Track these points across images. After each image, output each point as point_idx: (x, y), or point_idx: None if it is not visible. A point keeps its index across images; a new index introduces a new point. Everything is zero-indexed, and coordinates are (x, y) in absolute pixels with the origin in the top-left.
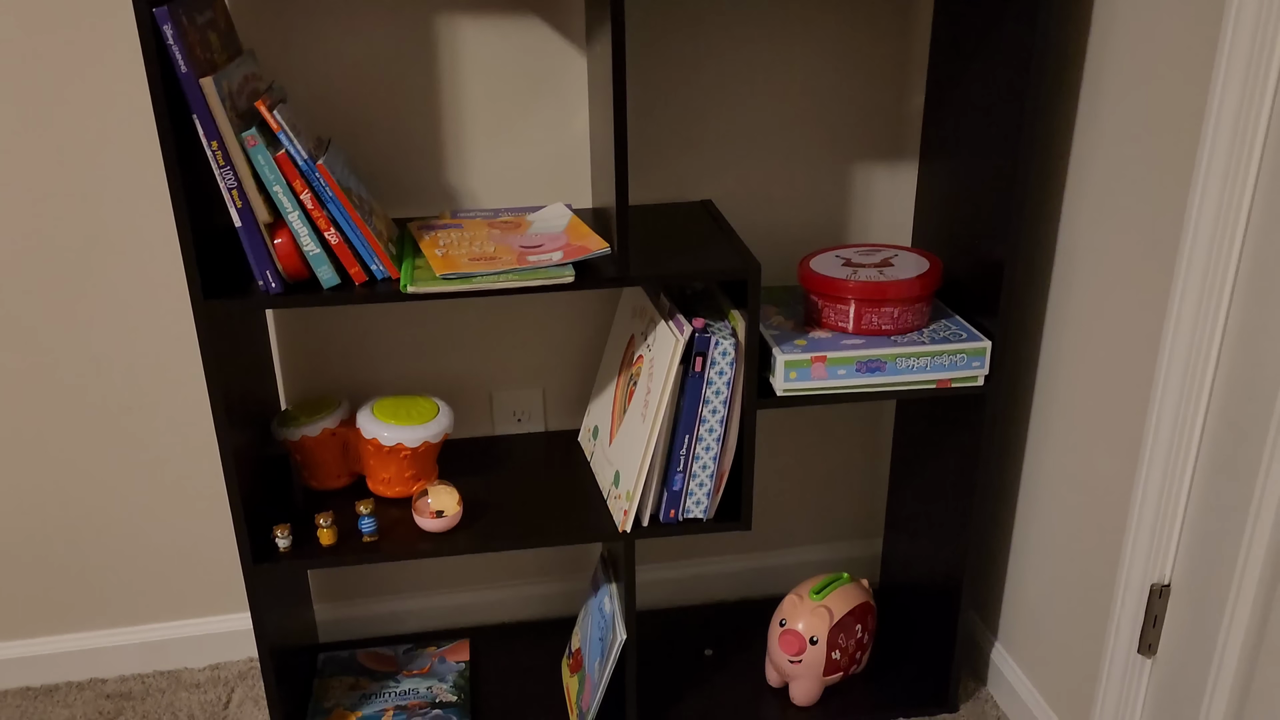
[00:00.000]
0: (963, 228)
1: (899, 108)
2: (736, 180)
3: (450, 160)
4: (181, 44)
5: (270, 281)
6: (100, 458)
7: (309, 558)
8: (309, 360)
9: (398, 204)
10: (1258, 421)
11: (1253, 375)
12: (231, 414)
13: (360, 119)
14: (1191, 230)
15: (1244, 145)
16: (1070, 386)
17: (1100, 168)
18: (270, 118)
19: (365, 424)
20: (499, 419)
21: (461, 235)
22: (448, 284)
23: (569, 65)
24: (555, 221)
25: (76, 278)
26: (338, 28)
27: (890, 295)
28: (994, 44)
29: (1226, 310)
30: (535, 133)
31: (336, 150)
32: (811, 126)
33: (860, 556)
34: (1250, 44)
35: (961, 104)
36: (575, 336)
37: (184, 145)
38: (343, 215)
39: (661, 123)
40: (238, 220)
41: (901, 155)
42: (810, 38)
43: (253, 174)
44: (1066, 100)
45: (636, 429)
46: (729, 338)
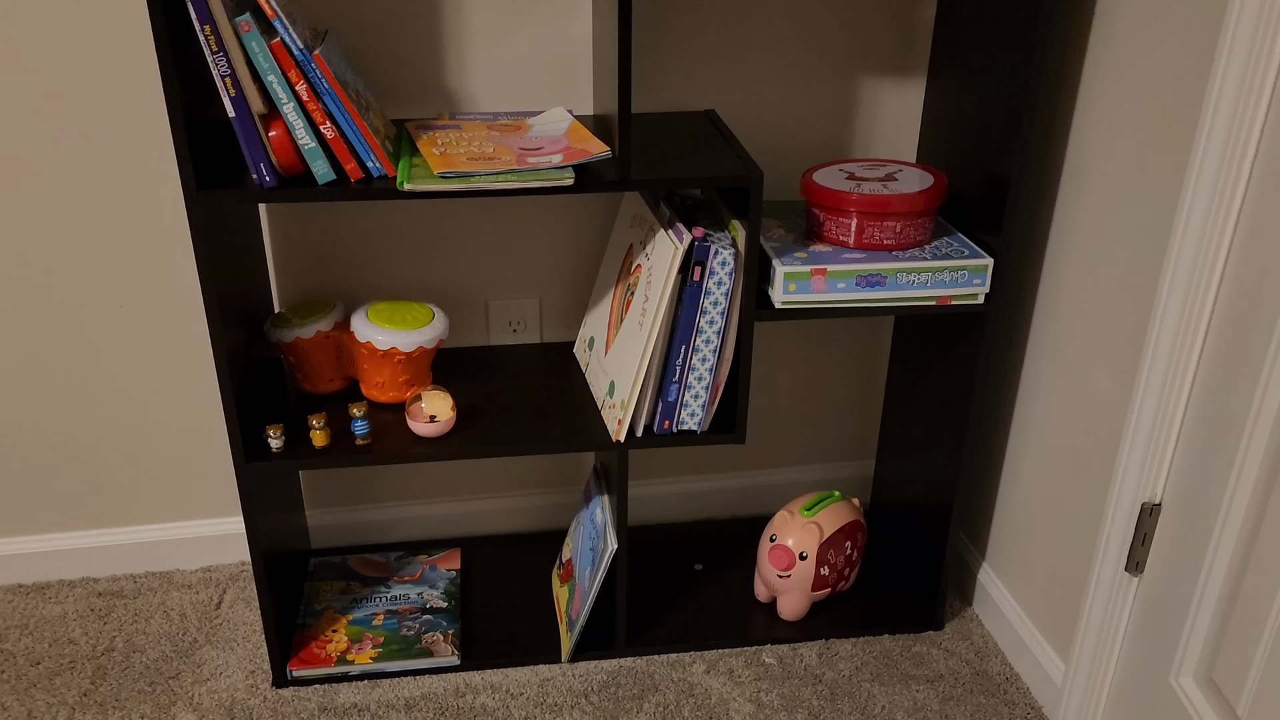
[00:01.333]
0: (969, 144)
1: (909, 18)
2: (741, 91)
3: (450, 61)
4: None
5: (265, 175)
6: (94, 357)
7: (301, 458)
8: (303, 261)
9: (396, 104)
10: (1257, 341)
11: (1255, 295)
12: (225, 313)
13: (359, 13)
14: (1201, 148)
15: (1262, 52)
16: (1071, 305)
17: (1111, 83)
18: (265, 4)
19: (359, 327)
20: (494, 329)
21: (460, 136)
22: (445, 183)
23: None
24: (556, 125)
25: (70, 171)
26: None
27: (893, 209)
28: None
29: (1232, 230)
30: (537, 35)
31: (334, 41)
32: (819, 37)
33: (853, 477)
34: None
35: (973, 17)
36: (573, 246)
37: (177, 32)
38: (339, 109)
39: (666, 31)
40: (231, 110)
41: (910, 68)
42: None
43: (246, 62)
44: (1080, 14)
45: (633, 339)
46: (729, 248)
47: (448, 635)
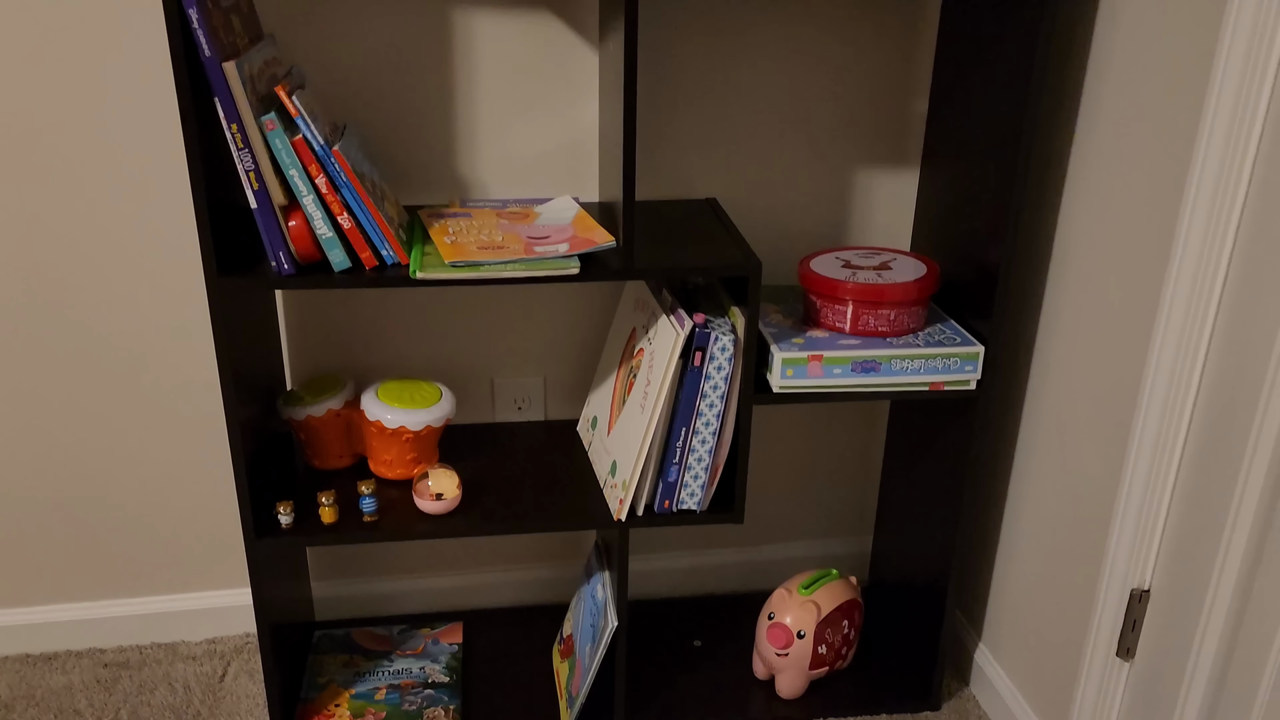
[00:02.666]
0: (961, 233)
1: (902, 112)
2: (741, 179)
3: (461, 149)
4: (206, 28)
5: (283, 262)
6: (107, 429)
7: (310, 534)
8: (316, 340)
9: (409, 191)
10: (1238, 432)
11: (1235, 387)
12: (239, 390)
13: (376, 105)
14: (1181, 243)
15: (1234, 162)
16: (1060, 392)
17: (1096, 179)
18: (289, 103)
19: (369, 406)
20: (500, 406)
21: (470, 224)
22: (456, 271)
23: (581, 60)
24: (562, 214)
25: (91, 248)
26: (356, 14)
27: (887, 298)
28: (996, 55)
29: (1213, 323)
30: (546, 125)
31: (352, 135)
32: (816, 128)
33: (850, 553)
34: (1243, 66)
35: (963, 111)
36: (578, 326)
37: (203, 125)
38: (356, 200)
39: (670, 120)
40: (254, 202)
41: (904, 159)
42: (818, 42)
43: (270, 157)
44: (1066, 110)
45: (635, 420)
46: (728, 334)
47: (449, 710)
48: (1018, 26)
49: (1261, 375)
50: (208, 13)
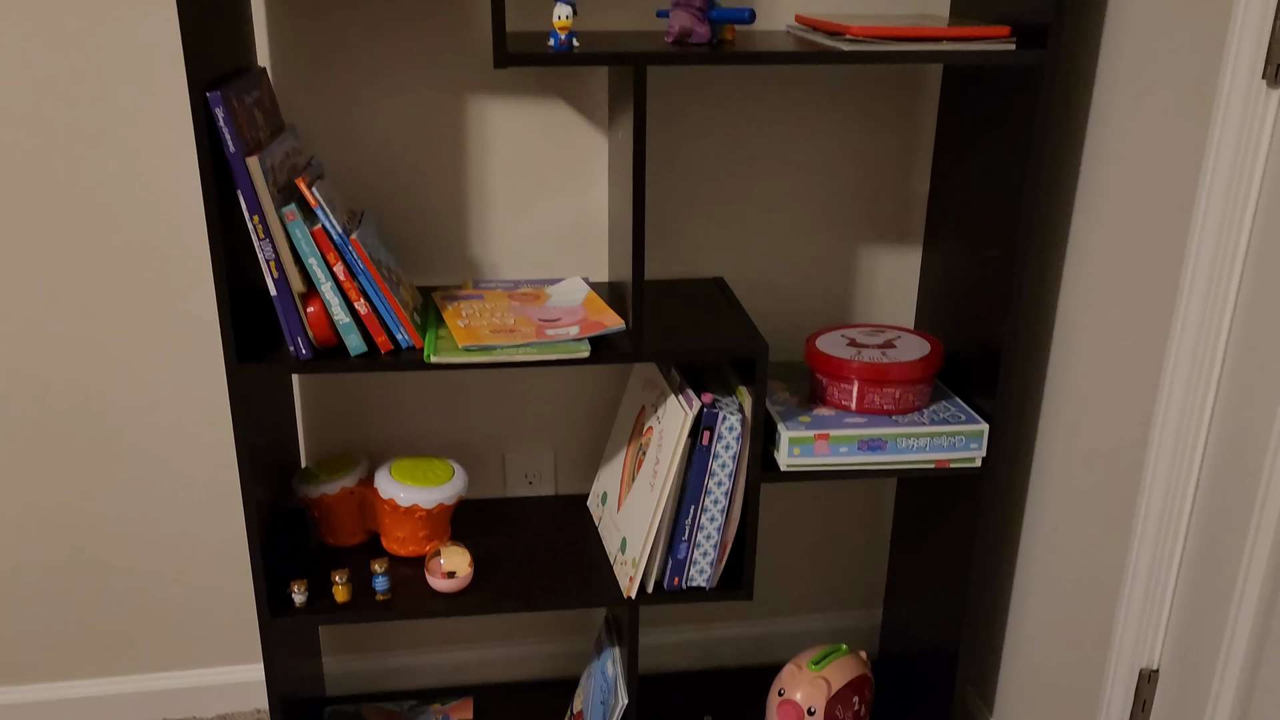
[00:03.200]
0: (964, 310)
1: (904, 192)
2: (748, 257)
3: (474, 231)
4: (231, 125)
5: (301, 348)
6: (122, 505)
7: (324, 613)
8: (330, 416)
9: (423, 271)
10: (1241, 509)
11: (1237, 464)
12: (256, 470)
13: (392, 190)
14: (1180, 320)
15: (1229, 242)
16: (1066, 469)
17: (1096, 256)
18: (309, 194)
19: (383, 484)
20: (511, 480)
21: (483, 306)
22: (469, 355)
23: (590, 143)
24: (573, 295)
25: (107, 327)
26: (374, 103)
27: (892, 377)
28: (994, 136)
29: (1213, 400)
30: (556, 206)
31: (369, 222)
32: (821, 208)
33: (860, 626)
34: (1235, 148)
35: (964, 191)
36: (588, 402)
37: (224, 211)
38: (372, 287)
39: (678, 200)
40: (274, 289)
41: (906, 238)
42: (821, 125)
43: (290, 246)
44: (1064, 189)
45: (644, 498)
46: (736, 413)
47: None
48: (1015, 109)
49: (1262, 453)
50: (233, 110)
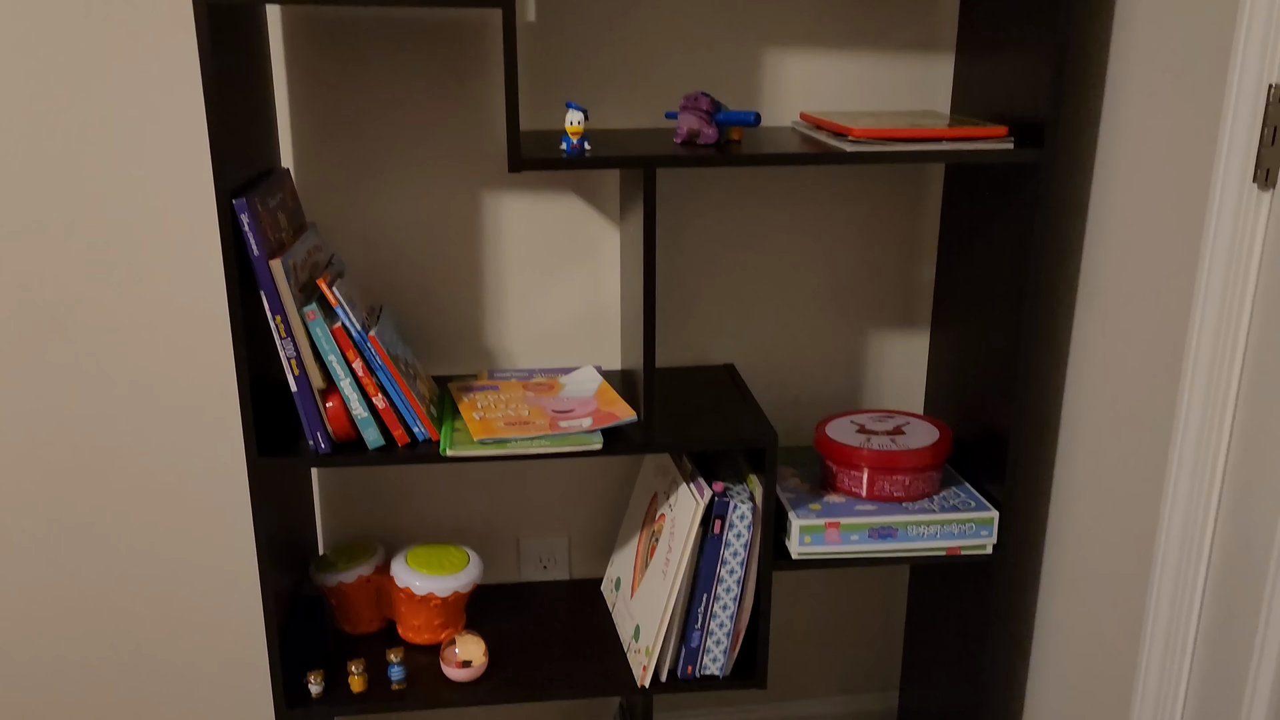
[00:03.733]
0: (972, 395)
1: (911, 279)
2: (758, 343)
3: (490, 321)
4: (256, 230)
5: (320, 442)
6: (134, 594)
7: (340, 704)
8: (347, 504)
9: (440, 361)
10: (1252, 598)
11: (1246, 552)
12: (274, 558)
13: (410, 282)
14: (1185, 406)
15: (1228, 333)
16: (1077, 554)
17: (1100, 344)
18: (329, 293)
19: (399, 572)
20: (525, 564)
21: (498, 397)
22: (484, 448)
23: (602, 234)
24: (586, 385)
25: (127, 421)
26: (393, 200)
27: (901, 464)
28: (998, 226)
29: (1220, 485)
30: (570, 296)
31: (387, 316)
32: (829, 295)
33: (875, 710)
34: (1229, 244)
35: (969, 278)
36: (601, 487)
37: (248, 310)
38: (390, 382)
39: (688, 289)
40: (294, 386)
41: (914, 323)
42: (827, 214)
43: (310, 344)
44: (1067, 278)
45: (657, 586)
46: (747, 501)
47: None
48: (1016, 202)
49: (1271, 536)
50: (257, 215)
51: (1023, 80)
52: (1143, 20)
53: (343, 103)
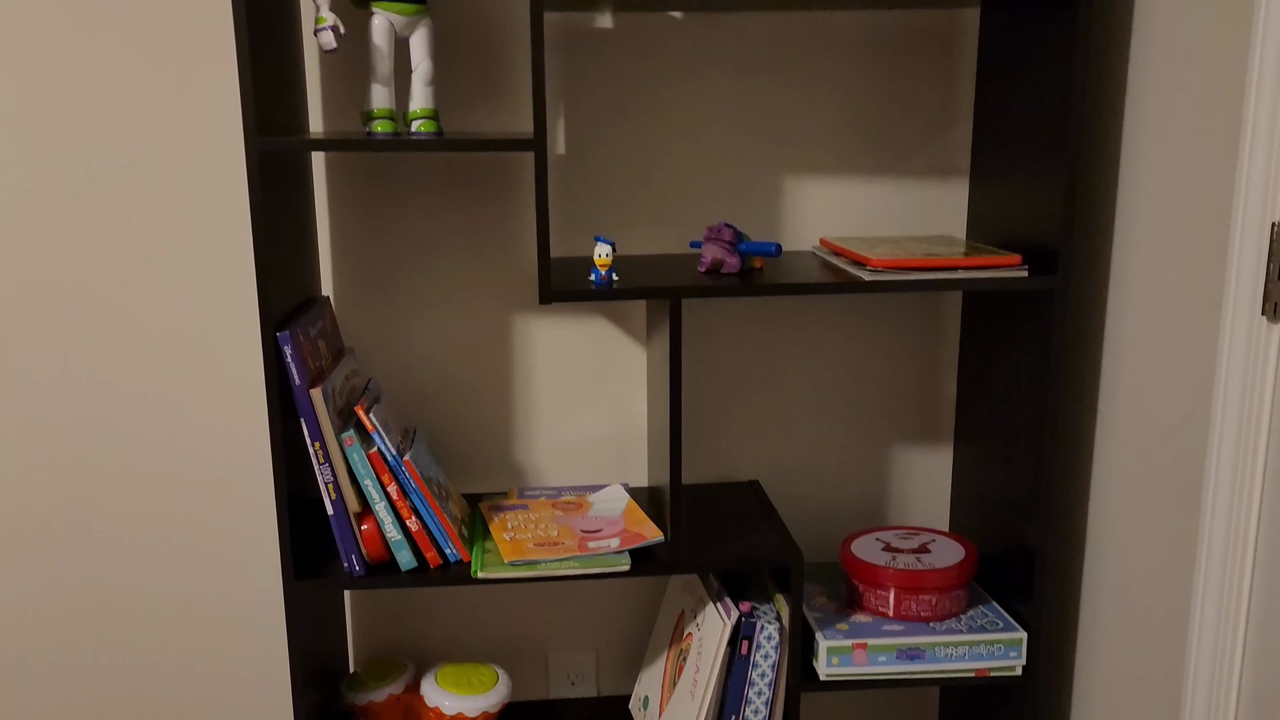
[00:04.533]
0: (996, 512)
1: (932, 395)
2: (782, 459)
3: (520, 439)
4: (298, 360)
5: (355, 564)
6: (163, 713)
7: None
8: (378, 622)
9: (471, 478)
10: None
11: (1275, 682)
12: (306, 677)
13: (443, 402)
14: (1208, 528)
15: (1247, 455)
16: (1107, 675)
17: (1121, 461)
18: (367, 420)
19: (429, 692)
20: (554, 681)
21: (527, 517)
22: (514, 570)
23: (629, 354)
24: (614, 504)
25: (160, 537)
26: (427, 325)
27: (928, 584)
28: (1016, 347)
29: (1248, 604)
30: (597, 414)
31: (421, 439)
32: (851, 411)
33: None
34: (1242, 374)
35: (990, 395)
36: (629, 604)
37: (288, 435)
38: (424, 505)
39: (713, 406)
40: (330, 509)
41: (937, 438)
42: (849, 333)
43: (347, 469)
44: (1087, 396)
45: (685, 706)
46: (774, 622)
47: None
48: (1032, 325)
49: None
50: (300, 345)
51: (1035, 205)
52: (1149, 153)
53: (380, 233)
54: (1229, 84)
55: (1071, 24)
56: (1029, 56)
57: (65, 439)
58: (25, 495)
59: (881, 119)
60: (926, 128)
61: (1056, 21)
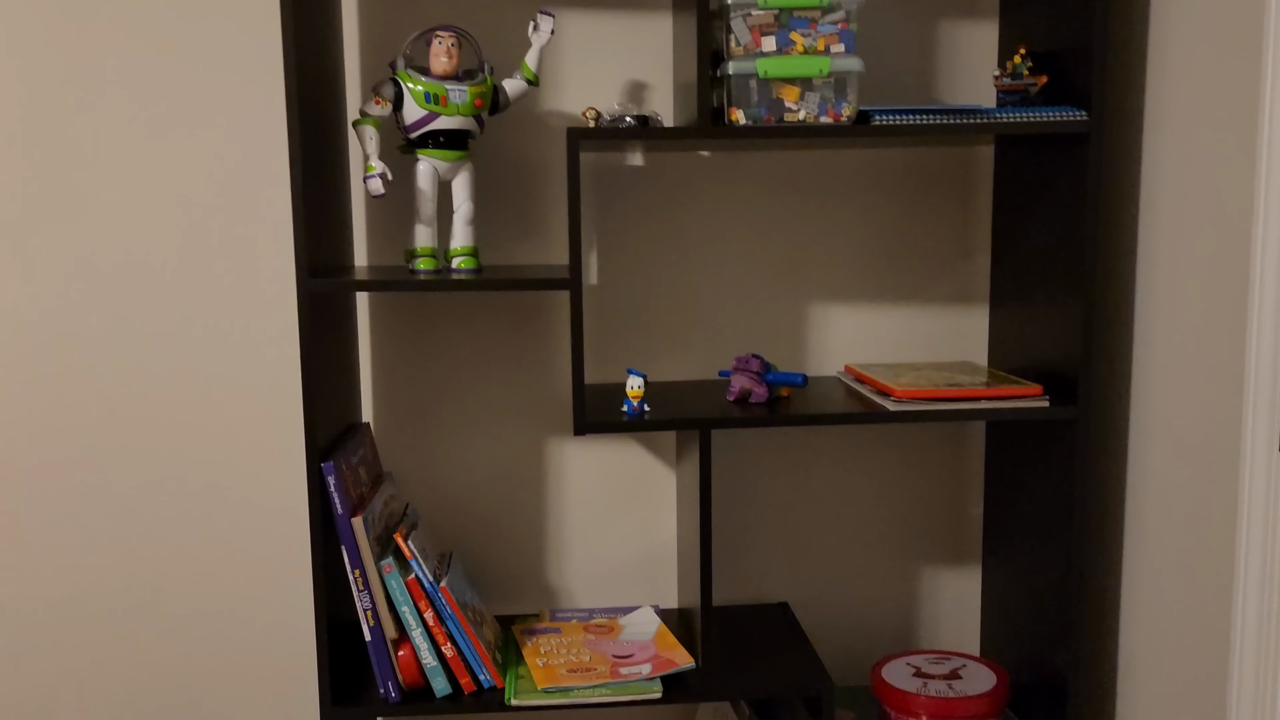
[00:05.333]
0: (1027, 635)
1: (959, 516)
2: (812, 582)
3: (552, 561)
4: (340, 490)
5: (391, 691)
6: None
7: None
8: None
9: (504, 600)
10: None
11: None
12: None
13: (478, 526)
14: (1238, 661)
15: (1272, 578)
16: None
17: (1150, 585)
18: (405, 546)
19: None
20: None
21: (560, 641)
22: (548, 697)
23: (659, 477)
24: (645, 628)
25: (196, 670)
26: (464, 449)
27: (960, 713)
28: (1041, 471)
29: None
30: (628, 536)
31: (457, 563)
32: (879, 532)
33: None
34: (1264, 511)
35: (1017, 517)
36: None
37: (329, 563)
38: (459, 632)
39: (743, 529)
40: (368, 635)
41: (965, 560)
42: (876, 458)
43: (385, 596)
44: (1112, 522)
45: None
46: None
47: None
48: (1055, 452)
49: None
50: (342, 475)
51: (1054, 331)
52: (1163, 282)
53: (419, 361)
54: (1238, 213)
55: (1083, 160)
56: (1042, 190)
57: (107, 569)
58: (62, 632)
59: (902, 249)
60: (946, 257)
61: (1068, 157)
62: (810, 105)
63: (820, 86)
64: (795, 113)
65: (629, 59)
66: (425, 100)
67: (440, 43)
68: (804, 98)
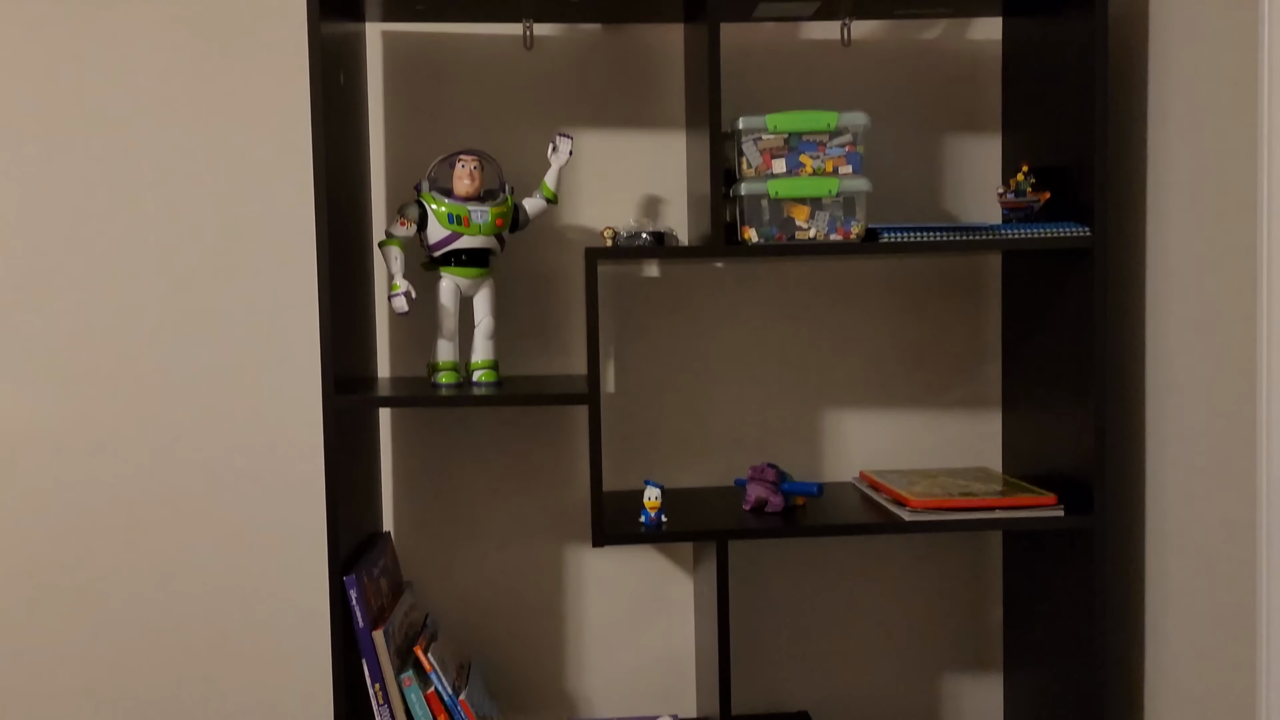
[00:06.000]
0: None
1: (979, 623)
2: (832, 688)
3: (570, 668)
4: (362, 603)
5: None
6: None
7: None
8: None
9: (523, 707)
10: None
11: None
12: None
13: (497, 634)
14: None
15: None
16: None
17: (1172, 691)
18: (425, 659)
19: None
20: None
21: None
22: None
23: (677, 584)
24: None
25: None
26: (483, 558)
27: None
28: (1059, 579)
29: None
30: (645, 642)
31: (476, 673)
32: (899, 640)
33: None
34: None
35: (1036, 624)
36: None
37: (349, 675)
38: None
39: (761, 635)
40: None
41: (986, 666)
42: (893, 565)
43: (405, 710)
44: (1131, 624)
45: None
46: None
47: None
48: (1075, 556)
49: None
50: (363, 588)
51: (1067, 437)
52: (1173, 388)
53: (440, 471)
54: (1242, 318)
55: (1088, 272)
56: (1050, 298)
57: (128, 683)
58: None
59: (914, 355)
60: (958, 364)
61: (1074, 269)
62: (820, 224)
63: (830, 206)
64: (806, 231)
65: (644, 175)
66: (449, 221)
67: (464, 166)
68: (814, 216)
